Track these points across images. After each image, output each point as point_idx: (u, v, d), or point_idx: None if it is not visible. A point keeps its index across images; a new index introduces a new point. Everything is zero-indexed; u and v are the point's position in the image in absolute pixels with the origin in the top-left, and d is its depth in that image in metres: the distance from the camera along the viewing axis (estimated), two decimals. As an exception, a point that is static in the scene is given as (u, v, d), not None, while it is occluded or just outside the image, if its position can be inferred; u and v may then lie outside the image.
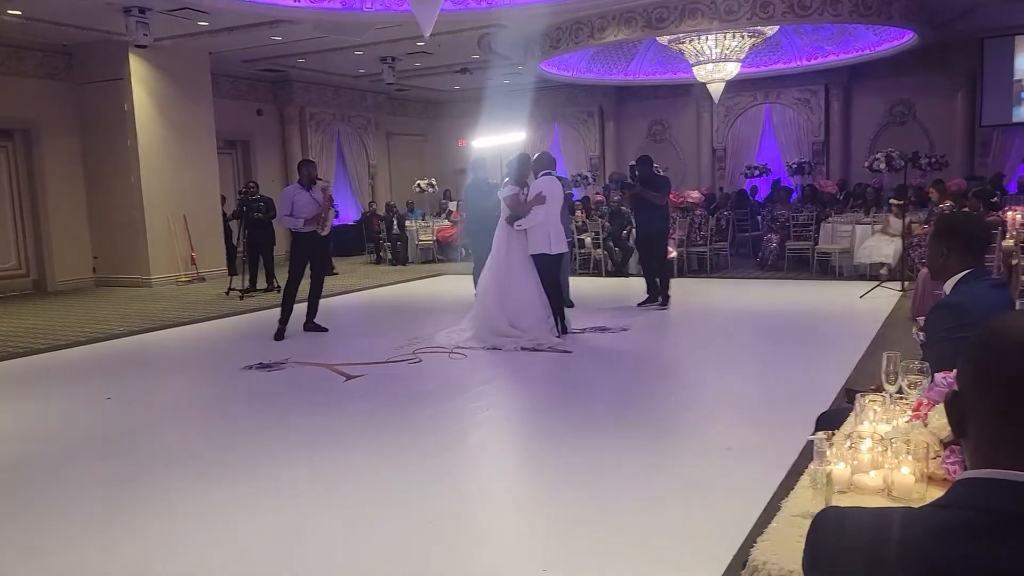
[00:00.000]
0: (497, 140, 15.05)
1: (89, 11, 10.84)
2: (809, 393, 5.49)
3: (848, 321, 8.38)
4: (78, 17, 11.18)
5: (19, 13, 10.72)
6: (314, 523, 3.67)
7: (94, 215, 13.41)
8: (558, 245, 7.68)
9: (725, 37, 12.09)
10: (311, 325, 8.30)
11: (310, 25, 11.50)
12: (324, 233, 8.11)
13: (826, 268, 11.74)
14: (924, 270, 8.54)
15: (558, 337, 7.52)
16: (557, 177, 8.11)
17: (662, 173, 10.27)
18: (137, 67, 12.64)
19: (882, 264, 10.74)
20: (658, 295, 9.23)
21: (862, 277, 10.91)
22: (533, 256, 7.60)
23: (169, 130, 13.13)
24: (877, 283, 10.02)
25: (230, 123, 15.21)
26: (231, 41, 12.76)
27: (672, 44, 12.60)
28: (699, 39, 12.16)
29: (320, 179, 8.27)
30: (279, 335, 8.00)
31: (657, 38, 12.52)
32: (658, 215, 9.19)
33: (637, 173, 9.47)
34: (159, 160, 13.00)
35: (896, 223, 10.85)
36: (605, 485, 4.17)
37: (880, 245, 10.97)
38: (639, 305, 9.20)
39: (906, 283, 9.75)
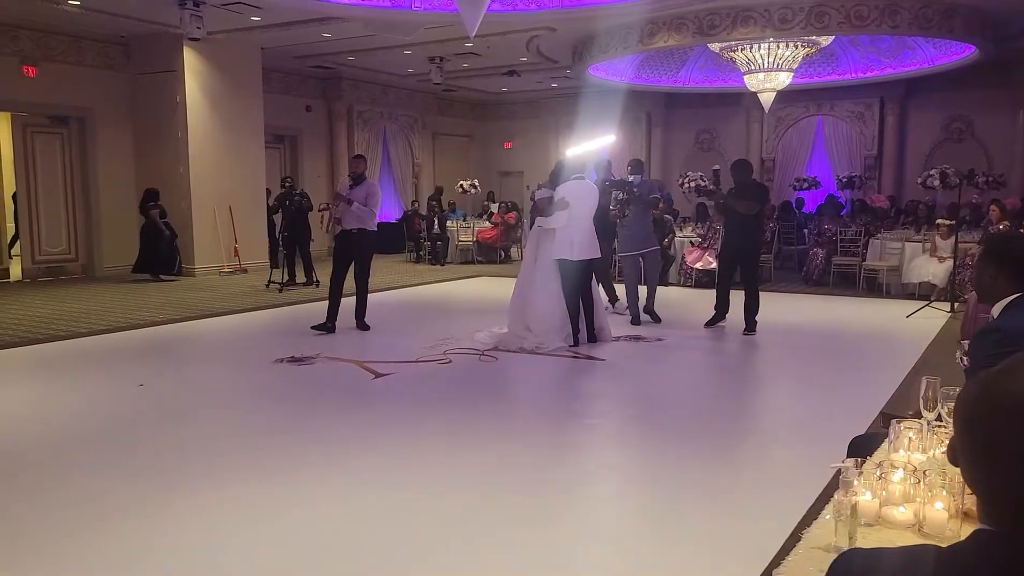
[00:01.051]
0: (589, 143, 15.10)
1: (145, 3, 11.04)
2: (846, 415, 5.31)
3: (892, 341, 8.13)
4: (135, 9, 11.38)
5: (79, 4, 10.94)
6: (331, 519, 3.63)
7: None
8: (582, 251, 7.51)
9: (778, 46, 11.87)
10: (361, 324, 8.30)
11: (360, 23, 11.55)
12: (326, 231, 8.07)
13: (873, 285, 11.44)
14: (975, 292, 8.27)
15: (571, 345, 7.42)
16: (620, 180, 8.25)
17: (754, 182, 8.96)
18: (190, 60, 12.84)
19: (932, 285, 10.42)
20: (725, 314, 8.44)
21: (910, 296, 10.61)
22: (557, 260, 7.54)
23: (219, 123, 13.31)
24: (925, 303, 9.72)
25: (279, 118, 15.38)
26: (282, 37, 12.89)
27: (724, 52, 12.40)
28: (751, 48, 11.94)
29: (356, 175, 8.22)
30: (320, 327, 8.03)
31: (708, 45, 12.33)
32: (748, 228, 8.15)
33: (719, 179, 8.83)
34: (208, 152, 13.18)
35: (943, 244, 10.54)
36: (626, 501, 4.07)
37: (929, 265, 10.65)
38: (706, 325, 8.46)
39: (956, 304, 9.44)
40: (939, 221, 10.97)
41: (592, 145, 14.52)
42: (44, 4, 10.84)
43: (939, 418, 2.35)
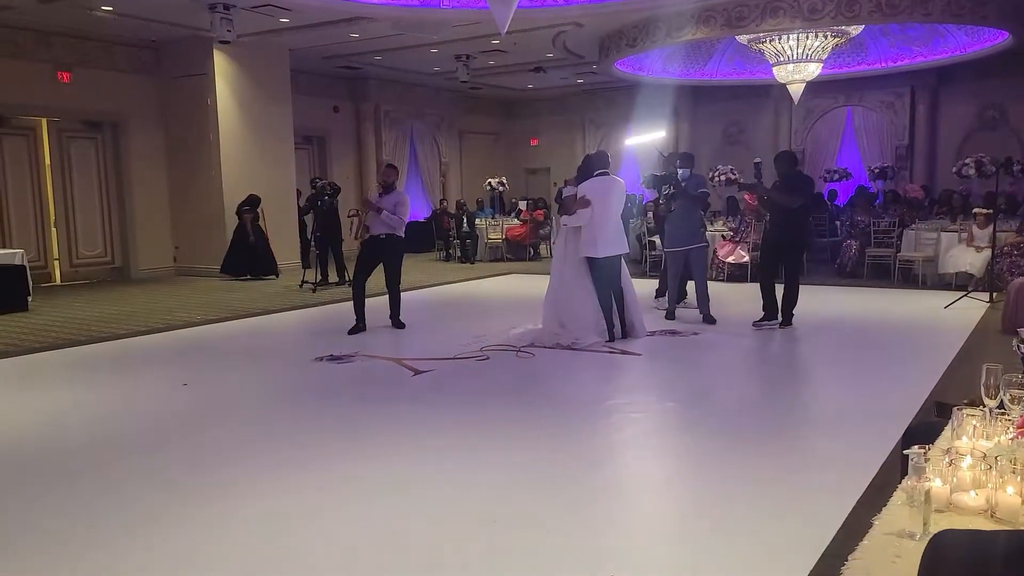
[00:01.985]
0: (641, 138, 15.19)
1: (176, 7, 11.17)
2: (891, 405, 5.28)
3: (932, 332, 8.04)
4: (165, 13, 11.53)
5: (111, 9, 11.10)
6: (371, 519, 3.67)
7: (176, 206, 13.83)
8: (606, 248, 7.50)
9: (807, 37, 11.75)
10: (396, 323, 8.36)
11: (388, 23, 11.61)
12: (355, 237, 8.09)
13: (908, 277, 11.32)
14: (1017, 281, 8.15)
15: (608, 340, 7.42)
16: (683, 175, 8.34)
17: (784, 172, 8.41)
18: (220, 63, 12.98)
19: (969, 275, 10.29)
20: (776, 312, 8.06)
21: (947, 287, 10.48)
22: (585, 258, 7.59)
23: (249, 125, 13.44)
24: (963, 293, 9.60)
25: (307, 119, 15.50)
26: (311, 38, 13.00)
27: (752, 44, 12.31)
28: (780, 39, 11.85)
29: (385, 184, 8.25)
30: (354, 329, 8.07)
31: (736, 37, 12.25)
32: (793, 221, 7.92)
33: (760, 172, 8.32)
34: (239, 154, 13.32)
35: (980, 233, 10.40)
36: (672, 494, 4.07)
37: (966, 254, 10.52)
38: (755, 324, 8.10)
39: (995, 294, 9.31)
40: (976, 210, 10.82)
41: (645, 139, 14.57)
42: (77, 10, 11.01)
43: (1001, 405, 2.34)
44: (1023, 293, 7.71)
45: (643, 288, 8.95)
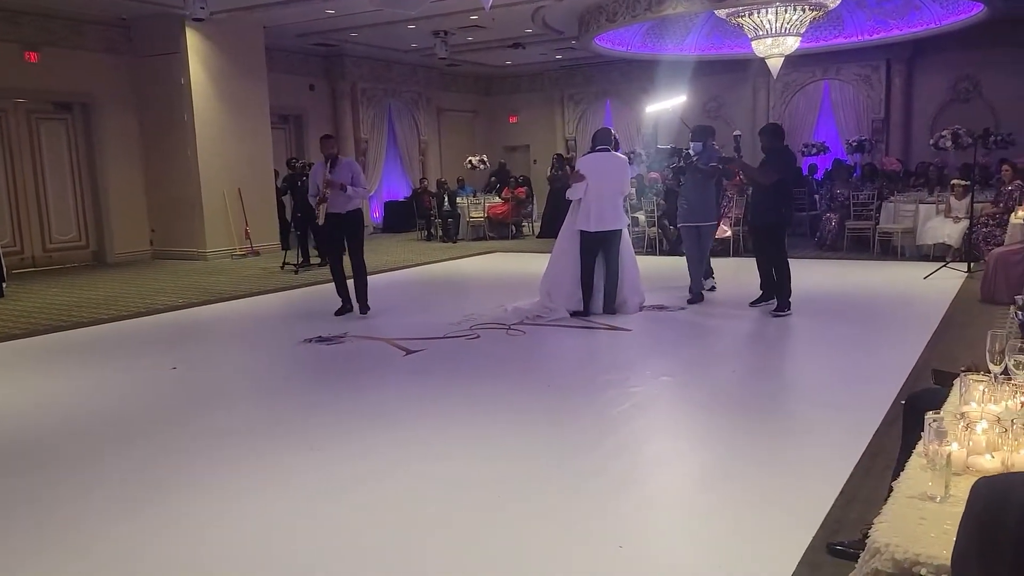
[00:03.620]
0: (661, 105, 15.16)
1: (148, -16, 10.95)
2: (879, 375, 5.36)
3: (913, 303, 8.15)
4: (137, -9, 11.30)
5: (80, -13, 10.85)
6: (375, 500, 3.67)
7: (151, 188, 13.63)
8: (599, 223, 7.56)
9: (786, 10, 11.75)
10: (363, 307, 7.97)
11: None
12: (319, 221, 7.81)
13: (887, 249, 11.45)
14: (995, 251, 8.27)
15: (580, 315, 7.52)
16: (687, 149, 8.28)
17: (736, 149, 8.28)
18: (193, 41, 12.75)
19: (947, 246, 10.42)
20: (772, 294, 7.79)
21: (925, 258, 10.62)
22: (579, 231, 7.67)
23: (224, 104, 13.24)
24: (942, 264, 9.73)
25: (282, 98, 15.30)
26: (285, 15, 12.80)
27: (730, 18, 12.29)
28: (759, 12, 11.84)
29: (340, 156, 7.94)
30: (341, 310, 8.00)
31: (716, 11, 12.23)
32: (768, 199, 7.64)
33: (740, 146, 8.13)
34: (214, 134, 13.13)
35: (958, 204, 10.53)
36: (673, 465, 4.11)
37: (944, 226, 10.65)
38: (752, 304, 7.90)
39: (972, 264, 9.45)
40: (954, 182, 10.95)
41: (667, 105, 14.57)
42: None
43: (1005, 371, 2.37)
44: (1001, 263, 7.83)
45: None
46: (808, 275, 9.88)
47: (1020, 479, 1.16)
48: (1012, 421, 1.96)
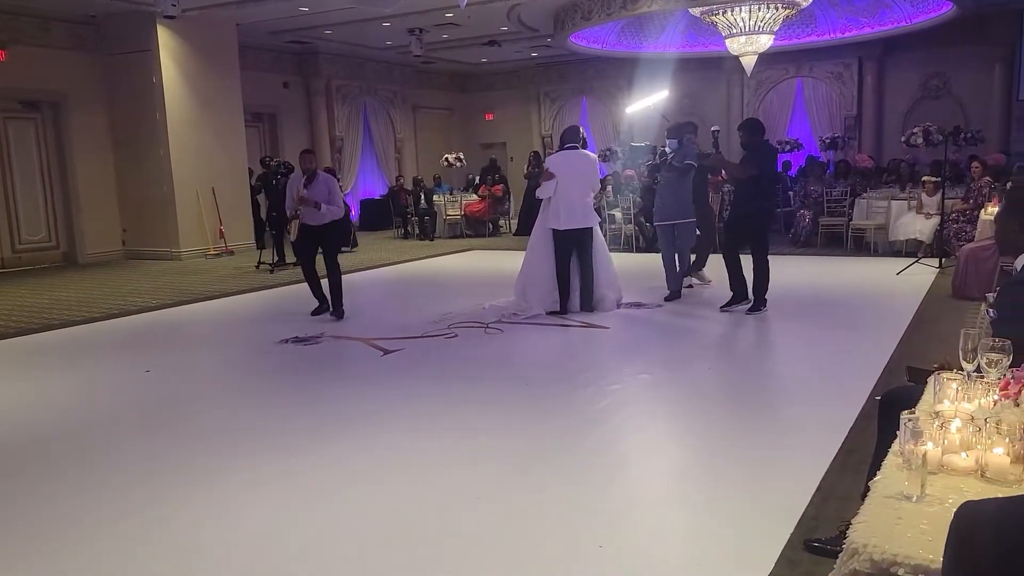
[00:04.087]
0: (644, 101, 15.18)
1: (118, -19, 10.80)
2: (854, 371, 5.42)
3: (886, 298, 8.24)
4: (106, -12, 11.14)
5: (48, -16, 10.68)
6: (355, 501, 3.66)
7: (123, 188, 13.45)
8: (569, 221, 7.57)
9: (759, 8, 11.84)
10: (337, 311, 7.80)
11: (340, -4, 11.38)
12: (291, 238, 7.77)
13: (860, 245, 11.58)
14: (965, 247, 8.39)
15: (557, 314, 7.52)
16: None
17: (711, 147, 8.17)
18: (165, 38, 12.59)
19: (919, 242, 10.55)
20: (745, 293, 7.59)
21: (897, 254, 10.74)
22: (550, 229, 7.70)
23: (197, 103, 13.10)
24: (914, 260, 9.85)
25: (256, 96, 15.16)
26: (258, 12, 12.67)
27: (705, 16, 12.36)
28: (733, 10, 11.91)
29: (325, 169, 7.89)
30: (316, 311, 7.94)
31: (690, 9, 12.29)
32: (746, 194, 7.48)
33: (718, 142, 8.01)
34: (187, 133, 12.99)
35: (929, 201, 10.67)
36: (651, 464, 4.13)
37: (915, 222, 10.79)
38: (722, 308, 7.63)
39: (944, 260, 9.58)
40: (925, 178, 11.10)
41: (650, 101, 14.60)
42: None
43: (978, 369, 2.41)
44: (972, 259, 7.94)
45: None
46: (783, 271, 9.94)
47: (993, 503, 1.18)
48: (985, 420, 1.99)
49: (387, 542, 3.24)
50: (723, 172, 9.50)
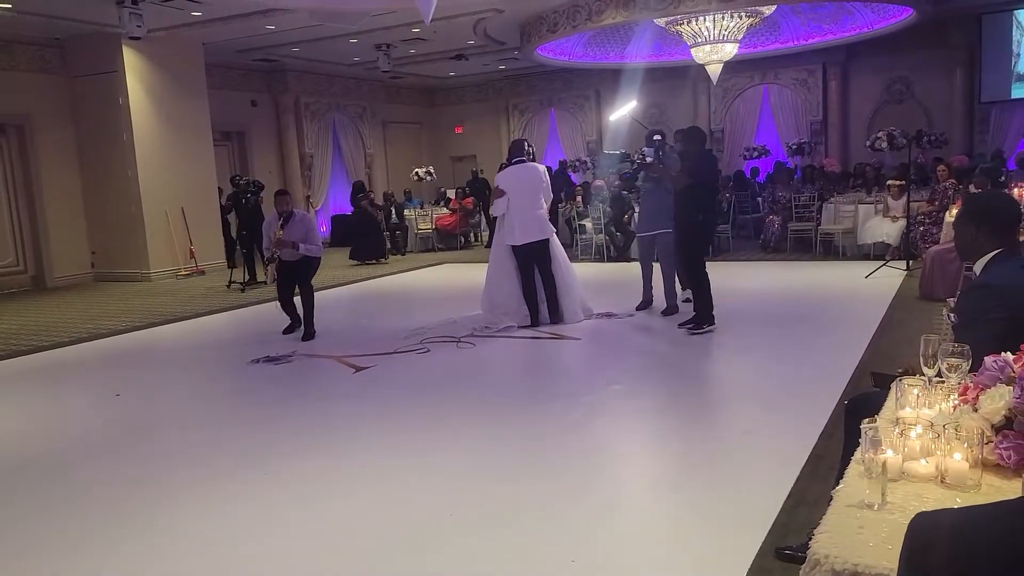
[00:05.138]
0: (619, 112, 15.30)
1: (81, 3, 10.72)
2: (823, 375, 5.47)
3: (855, 302, 8.34)
4: (70, 10, 11.05)
5: (9, 7, 10.57)
6: (331, 518, 3.63)
7: (91, 210, 13.30)
8: (524, 235, 7.56)
9: (723, 17, 11.99)
10: (307, 332, 7.70)
11: (305, 14, 11.37)
12: (267, 281, 7.76)
13: (829, 249, 11.71)
14: (931, 249, 8.52)
15: (531, 325, 7.54)
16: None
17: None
18: (131, 59, 12.50)
19: (887, 245, 10.69)
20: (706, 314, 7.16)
21: (866, 257, 10.88)
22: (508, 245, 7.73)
23: (164, 122, 13.01)
24: (882, 263, 9.98)
25: (225, 114, 15.08)
26: (224, 31, 12.63)
27: (669, 26, 12.50)
28: (697, 20, 12.06)
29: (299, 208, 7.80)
30: (287, 329, 7.89)
31: (655, 20, 12.41)
32: (682, 205, 7.07)
33: (661, 149, 7.53)
34: (155, 153, 12.88)
35: (894, 204, 10.82)
36: (624, 475, 4.14)
37: (882, 225, 10.92)
38: (680, 327, 7.25)
39: (911, 262, 9.71)
40: (890, 182, 11.24)
41: (624, 111, 14.71)
42: (-27, 9, 10.46)
43: (939, 374, 2.44)
44: (938, 261, 8.06)
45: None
46: (753, 277, 10.10)
47: (949, 513, 1.20)
48: (944, 426, 2.01)
49: (361, 558, 3.22)
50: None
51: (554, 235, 7.91)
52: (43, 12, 11.06)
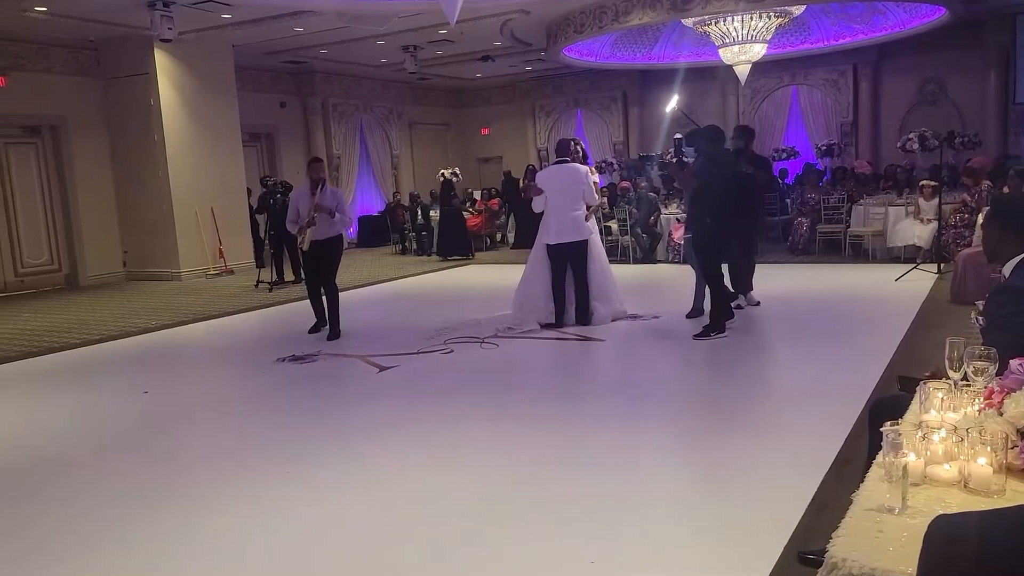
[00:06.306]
0: (672, 102, 15.20)
1: (114, 6, 10.87)
2: (851, 379, 5.40)
3: (885, 305, 8.23)
4: (103, 12, 11.22)
5: (45, 10, 10.76)
6: (355, 519, 3.66)
7: (123, 210, 13.50)
8: (559, 235, 7.59)
9: (751, 18, 11.89)
10: (332, 331, 7.73)
11: (333, 16, 11.46)
12: (304, 248, 7.61)
13: (858, 251, 11.57)
14: (963, 252, 8.38)
15: (553, 327, 7.52)
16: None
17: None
18: (162, 61, 12.68)
19: (917, 247, 10.54)
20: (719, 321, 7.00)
21: (896, 260, 10.74)
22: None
23: (195, 124, 13.17)
24: (912, 266, 9.84)
25: (254, 116, 15.23)
26: (254, 33, 12.76)
27: (697, 26, 12.42)
28: (725, 20, 11.97)
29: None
30: (315, 328, 7.95)
31: (683, 20, 12.34)
32: (695, 208, 7.15)
33: (682, 150, 7.45)
34: (186, 154, 13.05)
35: (926, 206, 10.66)
36: (647, 475, 4.12)
37: (913, 227, 10.77)
38: (695, 337, 6.95)
39: (942, 265, 9.57)
40: (923, 183, 11.08)
41: (667, 106, 14.65)
42: (9, 11, 10.64)
43: (965, 377, 2.40)
44: (970, 263, 7.92)
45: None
46: (781, 279, 9.99)
47: (975, 516, 1.18)
48: (968, 430, 1.98)
49: (381, 557, 3.24)
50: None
51: (595, 236, 7.90)
52: (77, 15, 11.24)
